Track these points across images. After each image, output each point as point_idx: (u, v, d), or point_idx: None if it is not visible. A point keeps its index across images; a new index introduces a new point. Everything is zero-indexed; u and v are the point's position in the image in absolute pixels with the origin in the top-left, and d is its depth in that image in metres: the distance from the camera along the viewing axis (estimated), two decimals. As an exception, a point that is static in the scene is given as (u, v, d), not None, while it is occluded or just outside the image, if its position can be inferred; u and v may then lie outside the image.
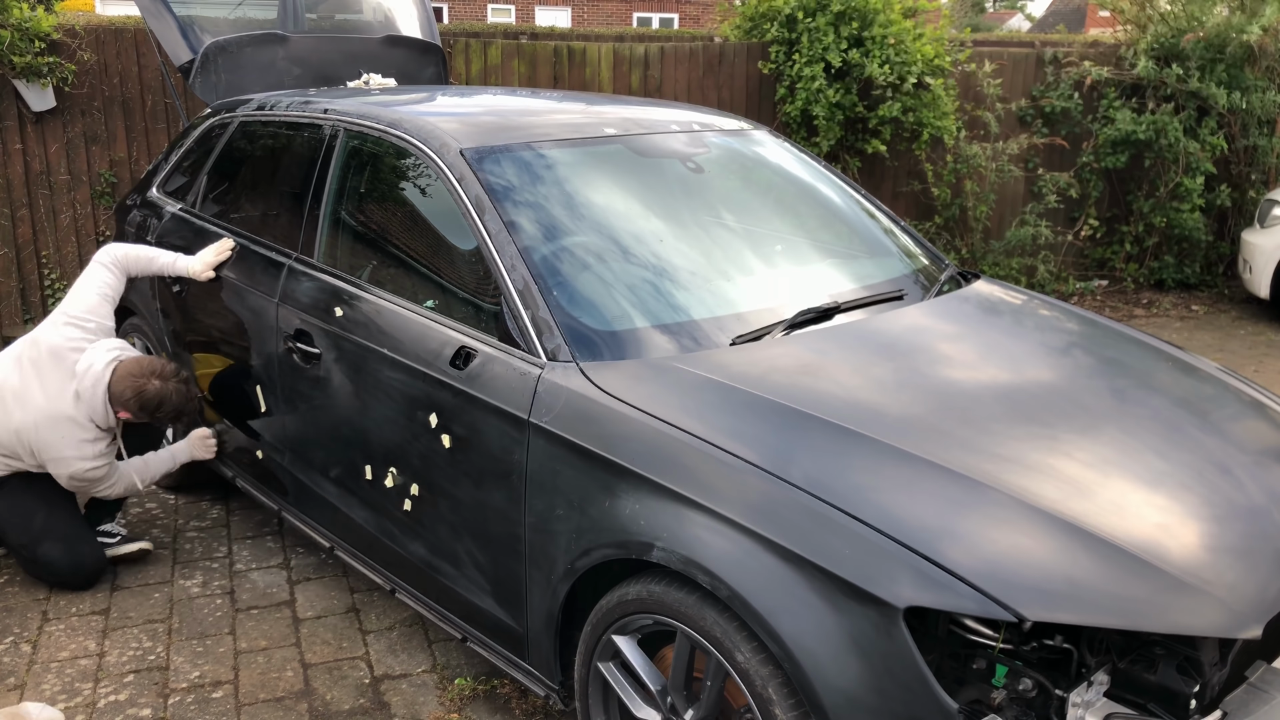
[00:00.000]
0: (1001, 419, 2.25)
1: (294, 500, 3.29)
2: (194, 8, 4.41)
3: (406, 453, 2.70)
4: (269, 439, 3.32)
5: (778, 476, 1.98)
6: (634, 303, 2.57)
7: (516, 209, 2.66)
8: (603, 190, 2.87)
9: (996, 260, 7.33)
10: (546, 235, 2.65)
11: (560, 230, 2.70)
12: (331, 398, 2.96)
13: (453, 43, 6.35)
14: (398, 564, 2.87)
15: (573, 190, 2.82)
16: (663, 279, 2.67)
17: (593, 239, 2.71)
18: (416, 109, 3.14)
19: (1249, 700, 1.92)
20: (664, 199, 2.94)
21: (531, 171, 2.81)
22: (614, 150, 3.01)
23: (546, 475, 2.31)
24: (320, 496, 3.11)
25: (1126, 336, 2.93)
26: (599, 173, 2.93)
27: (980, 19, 39.89)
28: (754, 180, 3.26)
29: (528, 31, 7.02)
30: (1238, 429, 2.45)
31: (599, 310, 2.51)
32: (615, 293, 2.59)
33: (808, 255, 3.03)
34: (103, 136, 5.73)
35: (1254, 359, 6.27)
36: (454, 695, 2.90)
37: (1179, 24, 7.26)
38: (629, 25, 26.67)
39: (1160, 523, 1.99)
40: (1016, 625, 1.82)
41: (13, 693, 2.89)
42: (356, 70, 4.41)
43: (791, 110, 6.65)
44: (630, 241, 2.75)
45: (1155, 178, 7.47)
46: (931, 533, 1.85)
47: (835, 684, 1.82)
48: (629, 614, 2.18)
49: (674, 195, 2.96)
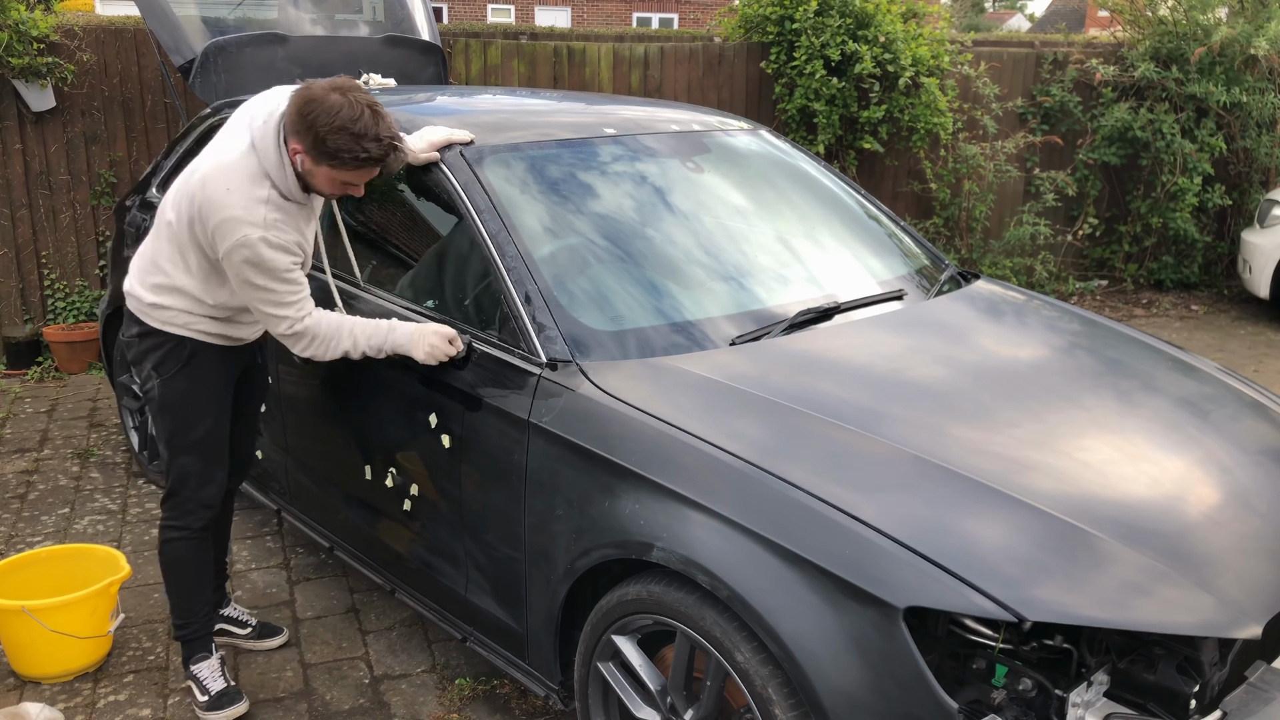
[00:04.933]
0: (1002, 419, 2.25)
1: (292, 500, 3.29)
2: (194, 8, 4.41)
3: (406, 453, 2.70)
4: (268, 439, 3.32)
5: (777, 476, 1.98)
6: (634, 303, 2.57)
7: (516, 209, 2.66)
8: (602, 190, 2.87)
9: (996, 260, 7.33)
10: (546, 235, 2.65)
11: (560, 230, 2.70)
12: (331, 398, 2.96)
13: (453, 43, 6.35)
14: (396, 563, 2.87)
15: (572, 190, 2.82)
16: (662, 279, 2.67)
17: (592, 239, 2.71)
18: (416, 109, 3.14)
19: (1249, 700, 1.92)
20: (664, 199, 2.94)
21: (531, 172, 2.81)
22: (614, 150, 3.01)
23: (546, 475, 2.31)
24: (320, 496, 3.12)
25: (1126, 336, 2.93)
26: (599, 173, 2.93)
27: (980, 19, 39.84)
28: (754, 180, 3.26)
29: (528, 31, 7.01)
30: (1237, 429, 2.45)
31: (599, 310, 2.52)
32: (615, 293, 2.59)
33: (808, 255, 3.02)
34: (102, 136, 5.73)
35: (1254, 359, 6.27)
36: (454, 695, 2.90)
37: (1181, 28, 7.27)
38: (629, 25, 26.67)
39: (1160, 523, 1.99)
40: (1016, 625, 1.82)
41: (13, 693, 2.89)
42: (356, 70, 4.41)
43: (790, 108, 6.66)
44: (630, 242, 2.75)
45: (1152, 178, 7.48)
46: (931, 532, 1.85)
47: (835, 684, 1.82)
48: (629, 614, 2.18)
49: (674, 195, 2.96)
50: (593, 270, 2.63)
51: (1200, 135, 7.23)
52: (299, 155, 2.42)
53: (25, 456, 4.49)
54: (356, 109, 2.34)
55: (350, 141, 2.34)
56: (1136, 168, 7.55)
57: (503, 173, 2.75)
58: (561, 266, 2.59)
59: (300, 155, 2.41)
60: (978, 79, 7.04)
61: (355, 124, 2.34)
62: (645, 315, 2.53)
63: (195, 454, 2.67)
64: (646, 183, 2.97)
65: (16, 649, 2.89)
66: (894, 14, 6.59)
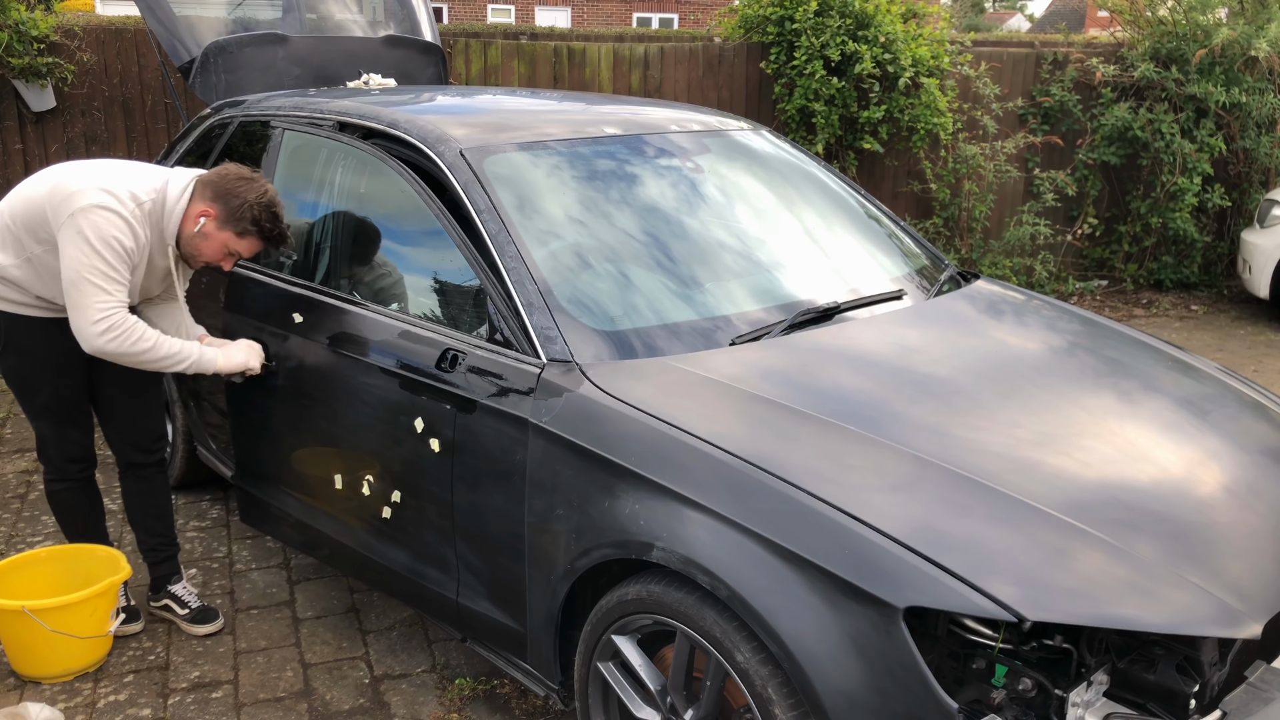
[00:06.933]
0: (1002, 419, 2.25)
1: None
2: (194, 8, 4.41)
3: (387, 460, 2.69)
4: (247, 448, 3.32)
5: (777, 476, 1.98)
6: (633, 303, 2.57)
7: (516, 209, 2.66)
8: (602, 190, 2.87)
9: (996, 260, 7.34)
10: (546, 235, 2.65)
11: (560, 230, 2.70)
12: (325, 400, 2.96)
13: (453, 43, 6.35)
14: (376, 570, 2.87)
15: (572, 190, 2.82)
16: (662, 279, 2.67)
17: (592, 239, 2.71)
18: (416, 109, 3.14)
19: (1249, 700, 1.91)
20: (663, 199, 2.94)
21: (531, 172, 2.81)
22: (614, 150, 3.01)
23: (546, 476, 2.31)
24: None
25: (1126, 336, 2.94)
26: (599, 173, 2.93)
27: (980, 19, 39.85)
28: (753, 180, 3.26)
29: (528, 31, 7.01)
30: (1237, 429, 2.45)
31: (599, 310, 2.52)
32: (615, 293, 2.59)
33: (808, 255, 3.03)
34: (103, 136, 5.73)
35: (1254, 359, 6.27)
36: (454, 695, 2.90)
37: (1180, 29, 7.27)
38: (629, 25, 26.67)
39: (1160, 523, 1.99)
40: (1016, 625, 1.82)
41: (13, 693, 2.89)
42: (356, 70, 4.41)
43: (789, 108, 6.66)
44: (629, 242, 2.75)
45: (1152, 178, 7.48)
46: (931, 532, 1.85)
47: (835, 684, 1.82)
48: (629, 614, 2.18)
49: (674, 195, 2.96)
50: (593, 270, 2.63)
51: (1200, 135, 7.23)
52: (204, 218, 2.75)
53: (25, 456, 4.49)
54: (277, 197, 2.81)
55: (270, 218, 2.77)
56: (1136, 168, 7.55)
57: (503, 173, 2.75)
58: (561, 266, 2.59)
59: (207, 219, 2.75)
60: (978, 79, 7.05)
61: (276, 206, 2.79)
62: (645, 315, 2.53)
63: (44, 419, 2.95)
64: (646, 183, 2.97)
65: (17, 649, 2.89)
66: (894, 14, 6.60)
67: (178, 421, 3.94)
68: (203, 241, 2.77)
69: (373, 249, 3.02)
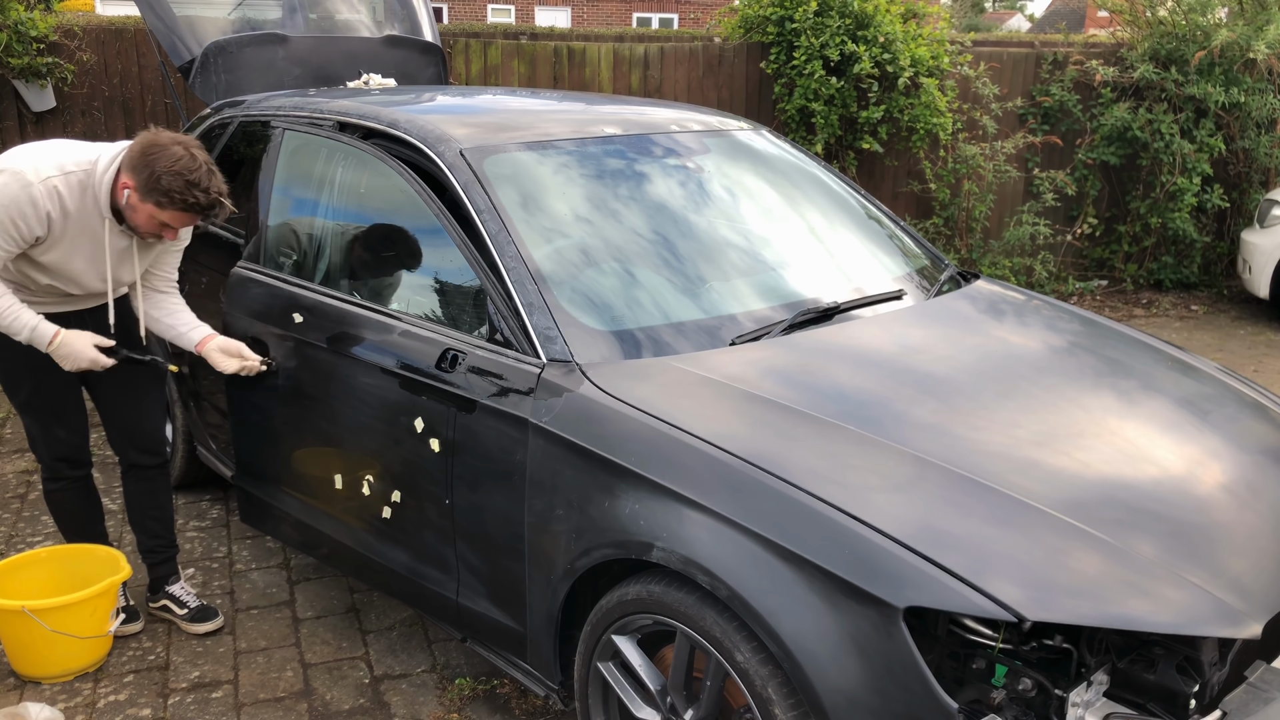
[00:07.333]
0: (1002, 418, 2.25)
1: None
2: (194, 7, 4.41)
3: (386, 460, 2.69)
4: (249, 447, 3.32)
5: (777, 476, 1.99)
6: (633, 303, 2.57)
7: (516, 209, 2.66)
8: (602, 190, 2.87)
9: (995, 260, 7.34)
10: (546, 235, 2.65)
11: (560, 230, 2.70)
12: (325, 400, 2.96)
13: (453, 43, 6.35)
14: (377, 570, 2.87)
15: (572, 190, 2.82)
16: (662, 279, 2.67)
17: (592, 239, 2.71)
18: (416, 109, 3.14)
19: (1249, 700, 1.92)
20: (664, 199, 2.94)
21: (531, 172, 2.81)
22: (614, 150, 3.01)
23: (546, 475, 2.31)
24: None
25: (1126, 336, 2.94)
26: (599, 173, 2.93)
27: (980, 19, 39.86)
28: (753, 180, 3.26)
29: (528, 31, 7.01)
30: (1237, 429, 2.45)
31: (599, 310, 2.52)
32: (615, 293, 2.59)
33: (808, 255, 3.03)
34: (103, 137, 5.73)
35: (1254, 359, 6.27)
36: (454, 695, 2.90)
37: (1180, 30, 7.28)
38: (629, 25, 26.67)
39: (1160, 522, 1.99)
40: (1016, 625, 1.82)
41: (13, 693, 2.89)
42: (356, 70, 4.41)
43: (789, 108, 6.66)
44: (630, 241, 2.75)
45: (1151, 178, 7.48)
46: (931, 532, 1.86)
47: (835, 684, 1.82)
48: (629, 614, 2.18)
49: (673, 195, 2.96)
50: (592, 270, 2.63)
51: (1199, 136, 7.23)
52: (128, 190, 2.65)
53: (25, 456, 4.49)
54: (195, 161, 2.62)
55: (183, 186, 2.60)
56: (1136, 168, 7.55)
57: (503, 172, 2.75)
58: (562, 266, 2.59)
59: (129, 190, 2.65)
60: (977, 79, 7.05)
61: (190, 173, 2.60)
62: (645, 315, 2.53)
63: (29, 415, 2.97)
64: (646, 182, 2.97)
65: (17, 649, 2.89)
66: (893, 14, 6.60)
67: (178, 421, 3.94)
68: (132, 214, 2.69)
69: (373, 249, 3.02)
